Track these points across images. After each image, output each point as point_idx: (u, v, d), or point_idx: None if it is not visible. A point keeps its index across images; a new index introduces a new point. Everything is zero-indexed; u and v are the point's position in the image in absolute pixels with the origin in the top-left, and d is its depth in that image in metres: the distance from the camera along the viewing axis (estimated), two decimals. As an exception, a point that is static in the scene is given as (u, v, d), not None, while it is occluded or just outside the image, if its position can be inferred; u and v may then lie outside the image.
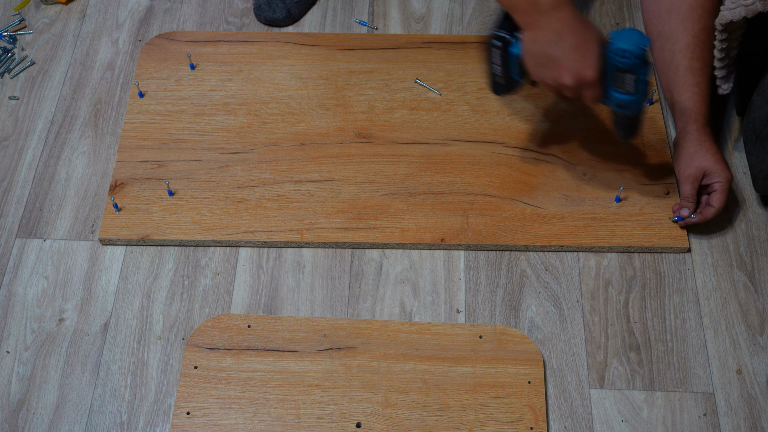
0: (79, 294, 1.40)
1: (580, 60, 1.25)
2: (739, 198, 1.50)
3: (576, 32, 1.25)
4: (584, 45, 1.25)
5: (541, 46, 1.26)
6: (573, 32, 1.24)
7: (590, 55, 1.25)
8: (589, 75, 1.26)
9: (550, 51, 1.26)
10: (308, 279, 1.42)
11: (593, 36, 1.26)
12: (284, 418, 1.27)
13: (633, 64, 1.24)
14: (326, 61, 1.65)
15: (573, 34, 1.24)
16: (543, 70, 1.29)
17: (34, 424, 1.29)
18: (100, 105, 1.61)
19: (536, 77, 1.31)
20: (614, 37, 1.25)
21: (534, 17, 1.25)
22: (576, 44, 1.25)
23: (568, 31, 1.24)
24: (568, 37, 1.24)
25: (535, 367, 1.31)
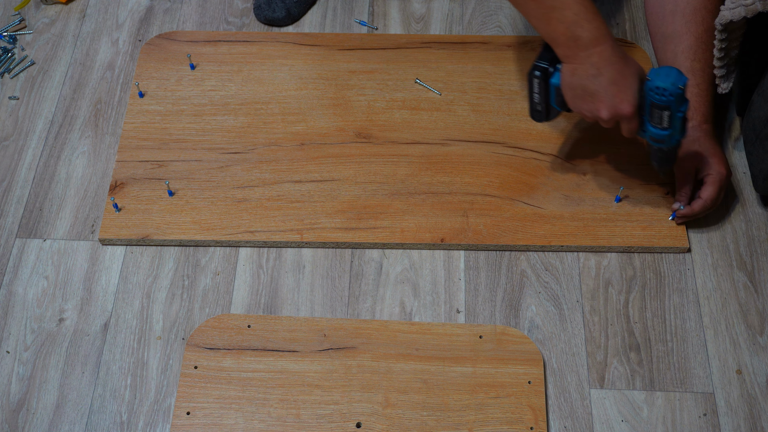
0: (79, 294, 1.40)
1: (618, 95, 1.27)
2: (739, 198, 1.50)
3: (614, 67, 1.26)
4: (622, 80, 1.27)
5: (579, 80, 1.28)
6: (611, 67, 1.26)
7: (628, 90, 1.27)
8: (626, 110, 1.28)
9: (589, 84, 1.28)
10: (308, 279, 1.42)
11: (631, 71, 1.28)
12: (284, 418, 1.27)
13: (669, 102, 1.26)
14: (326, 61, 1.65)
15: (611, 69, 1.26)
16: (581, 102, 1.31)
17: (34, 424, 1.29)
18: (100, 105, 1.61)
19: (574, 108, 1.33)
20: (652, 75, 1.27)
21: (574, 51, 1.27)
22: (614, 79, 1.26)
23: (607, 65, 1.26)
24: (607, 71, 1.26)
25: (535, 367, 1.31)
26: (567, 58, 1.29)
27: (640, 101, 1.29)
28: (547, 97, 1.37)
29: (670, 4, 1.42)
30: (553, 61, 1.33)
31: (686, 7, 1.41)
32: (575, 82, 1.29)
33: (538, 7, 1.27)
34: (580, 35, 1.26)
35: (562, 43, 1.28)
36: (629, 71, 1.28)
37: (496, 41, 1.68)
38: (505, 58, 1.65)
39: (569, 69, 1.29)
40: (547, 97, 1.37)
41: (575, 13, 1.25)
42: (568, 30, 1.26)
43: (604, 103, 1.28)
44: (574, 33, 1.26)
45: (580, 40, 1.26)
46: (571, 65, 1.29)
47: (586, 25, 1.26)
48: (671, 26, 1.42)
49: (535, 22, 1.30)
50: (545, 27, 1.28)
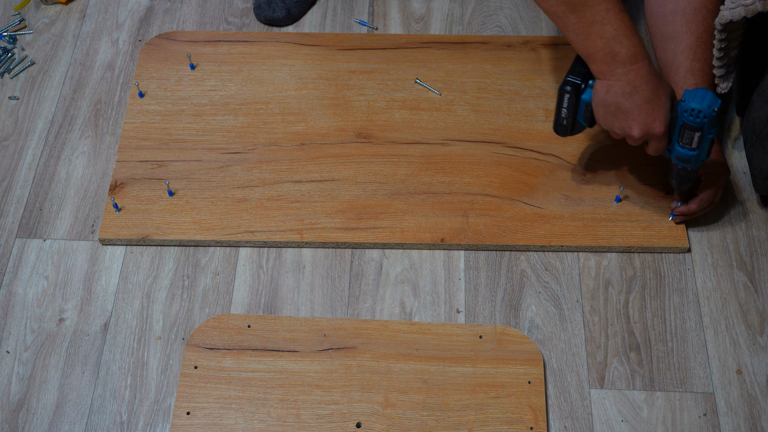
0: (79, 294, 1.40)
1: (651, 114, 1.28)
2: (739, 198, 1.50)
3: (650, 86, 1.27)
4: (656, 99, 1.27)
5: (614, 97, 1.28)
6: (647, 86, 1.27)
7: (661, 110, 1.28)
8: (658, 129, 1.28)
9: (623, 102, 1.27)
10: (308, 279, 1.42)
11: (665, 91, 1.28)
12: (284, 418, 1.27)
13: (702, 124, 1.27)
14: (326, 61, 1.65)
15: (647, 88, 1.27)
16: (612, 120, 1.31)
17: (34, 424, 1.29)
18: (100, 105, 1.61)
19: (604, 125, 1.33)
20: (687, 96, 1.27)
21: (611, 67, 1.27)
22: (649, 98, 1.27)
23: (643, 84, 1.26)
24: (642, 90, 1.26)
25: (535, 367, 1.31)
26: (602, 74, 1.28)
27: (670, 121, 1.29)
28: (575, 113, 1.36)
29: (671, 3, 1.42)
30: (586, 77, 1.32)
31: (687, 7, 1.40)
32: (609, 99, 1.29)
33: (578, 21, 1.26)
34: (618, 51, 1.25)
35: (600, 59, 1.27)
36: (663, 91, 1.28)
37: (496, 41, 1.68)
38: (505, 58, 1.65)
39: (604, 85, 1.29)
40: (575, 113, 1.36)
41: (615, 29, 1.25)
42: (607, 45, 1.25)
43: (636, 122, 1.28)
44: (613, 49, 1.25)
45: (618, 57, 1.26)
46: (606, 82, 1.28)
47: (625, 42, 1.25)
48: (671, 26, 1.42)
49: (573, 36, 1.29)
50: (583, 41, 1.27)
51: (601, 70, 1.28)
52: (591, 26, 1.26)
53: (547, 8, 1.28)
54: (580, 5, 1.25)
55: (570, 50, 1.65)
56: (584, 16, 1.26)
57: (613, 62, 1.26)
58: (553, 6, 1.26)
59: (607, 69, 1.27)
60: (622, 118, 1.29)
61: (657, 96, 1.27)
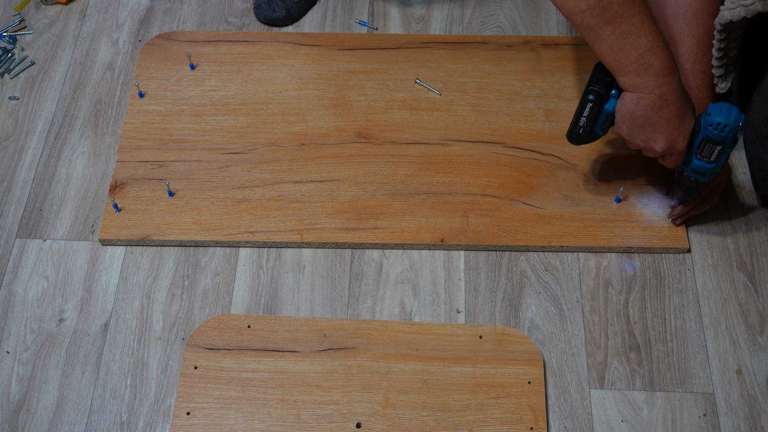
0: (79, 294, 1.40)
1: (678, 128, 1.28)
2: (739, 198, 1.50)
3: (680, 100, 1.27)
4: (683, 114, 1.27)
5: (643, 110, 1.27)
6: (678, 100, 1.26)
7: (687, 126, 1.28)
8: (682, 145, 1.29)
9: (652, 116, 1.27)
10: (308, 279, 1.42)
11: (690, 105, 1.28)
12: (284, 418, 1.27)
13: (726, 138, 1.27)
14: (326, 61, 1.65)
15: (677, 102, 1.26)
16: (637, 132, 1.30)
17: (34, 424, 1.29)
18: (100, 105, 1.61)
19: (627, 136, 1.32)
20: (713, 110, 1.27)
21: (643, 79, 1.25)
22: (677, 112, 1.27)
23: (674, 98, 1.26)
24: (672, 104, 1.26)
25: (535, 367, 1.31)
26: (633, 87, 1.26)
27: (691, 134, 1.29)
28: (594, 122, 1.35)
29: (671, 6, 1.42)
30: (609, 86, 1.31)
31: (688, 9, 1.40)
32: (638, 112, 1.27)
33: (612, 33, 1.24)
34: (652, 63, 1.24)
35: (632, 71, 1.25)
36: (689, 106, 1.28)
37: (496, 41, 1.68)
38: (505, 58, 1.65)
39: (634, 98, 1.27)
40: (594, 122, 1.35)
41: (650, 40, 1.23)
42: (641, 57, 1.24)
43: (663, 135, 1.28)
44: (647, 61, 1.24)
45: (651, 69, 1.24)
46: (637, 94, 1.26)
47: (659, 54, 1.24)
48: (672, 29, 1.42)
49: (605, 48, 1.26)
50: (617, 53, 1.25)
51: (633, 82, 1.26)
52: (626, 38, 1.24)
53: (580, 21, 1.25)
54: (617, 16, 1.23)
55: (570, 50, 1.65)
56: (620, 27, 1.23)
57: (646, 74, 1.25)
58: (587, 18, 1.24)
59: (639, 81, 1.25)
60: (648, 131, 1.29)
61: (684, 111, 1.27)
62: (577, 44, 1.67)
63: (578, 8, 1.22)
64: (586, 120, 1.34)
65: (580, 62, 1.65)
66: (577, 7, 1.22)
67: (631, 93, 1.27)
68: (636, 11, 1.23)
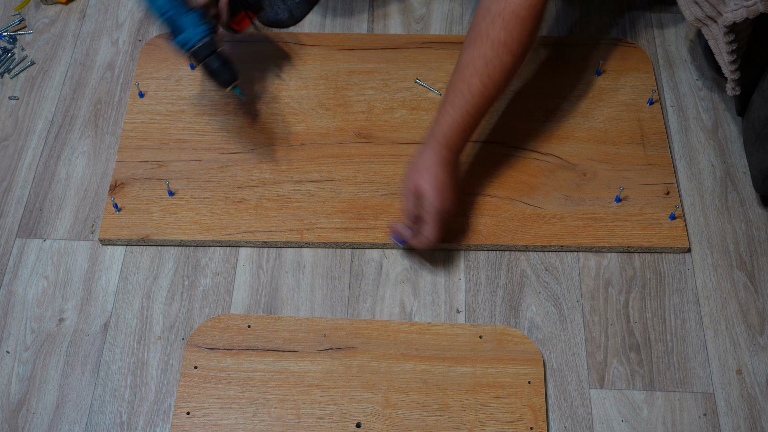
0: (79, 294, 1.40)
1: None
2: (739, 198, 1.50)
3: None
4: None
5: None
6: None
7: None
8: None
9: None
10: (308, 279, 1.42)
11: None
12: (284, 418, 1.27)
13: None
14: (326, 61, 1.65)
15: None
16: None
17: (34, 424, 1.29)
18: (100, 105, 1.61)
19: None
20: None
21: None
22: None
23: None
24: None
25: (535, 367, 1.31)
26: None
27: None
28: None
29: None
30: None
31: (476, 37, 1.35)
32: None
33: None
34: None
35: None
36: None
37: (496, 41, 1.68)
38: (505, 58, 1.65)
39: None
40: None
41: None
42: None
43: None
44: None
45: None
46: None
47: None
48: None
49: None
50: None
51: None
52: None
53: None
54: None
55: (570, 50, 1.65)
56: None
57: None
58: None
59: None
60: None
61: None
62: (577, 44, 1.67)
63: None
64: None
65: (580, 62, 1.65)
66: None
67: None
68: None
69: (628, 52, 1.66)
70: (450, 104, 1.33)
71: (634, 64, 1.65)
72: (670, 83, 1.64)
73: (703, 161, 1.54)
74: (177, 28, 1.33)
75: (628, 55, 1.66)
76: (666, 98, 1.62)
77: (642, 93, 1.60)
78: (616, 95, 1.60)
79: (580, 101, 1.59)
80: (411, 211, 1.35)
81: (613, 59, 1.65)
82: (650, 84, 1.62)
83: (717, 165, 1.54)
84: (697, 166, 1.54)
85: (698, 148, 1.56)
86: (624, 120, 1.57)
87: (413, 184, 1.33)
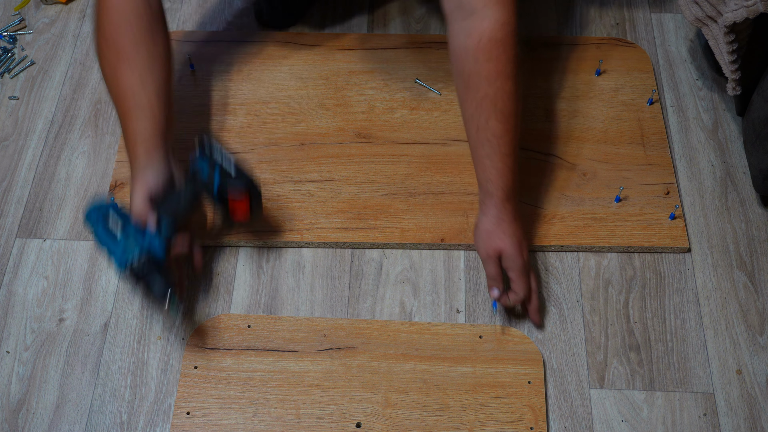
0: (79, 294, 1.40)
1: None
2: (739, 198, 1.50)
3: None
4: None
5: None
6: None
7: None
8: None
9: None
10: (308, 279, 1.42)
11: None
12: (284, 418, 1.27)
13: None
14: (326, 61, 1.65)
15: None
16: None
17: (34, 424, 1.29)
18: (100, 105, 1.61)
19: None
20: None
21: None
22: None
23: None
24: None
25: (535, 367, 1.31)
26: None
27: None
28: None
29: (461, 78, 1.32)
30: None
31: (468, 78, 1.29)
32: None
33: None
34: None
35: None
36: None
37: (496, 41, 1.68)
38: (505, 58, 1.65)
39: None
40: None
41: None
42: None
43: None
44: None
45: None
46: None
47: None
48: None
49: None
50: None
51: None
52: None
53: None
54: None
55: (570, 50, 1.65)
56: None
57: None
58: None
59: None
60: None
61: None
62: (577, 44, 1.67)
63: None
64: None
65: (580, 62, 1.65)
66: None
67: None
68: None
69: (628, 52, 1.66)
70: (485, 157, 1.30)
71: (634, 64, 1.65)
72: (670, 83, 1.64)
73: (703, 161, 1.54)
74: (109, 257, 1.24)
75: (628, 55, 1.66)
76: (666, 98, 1.62)
77: (642, 93, 1.60)
78: (616, 95, 1.60)
79: (580, 101, 1.59)
80: (498, 275, 1.32)
81: (613, 59, 1.65)
82: (650, 84, 1.62)
83: (717, 165, 1.54)
84: (697, 166, 1.54)
85: (698, 148, 1.56)
86: (624, 120, 1.57)
87: (492, 249, 1.31)
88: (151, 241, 1.22)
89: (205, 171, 1.28)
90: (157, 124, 1.29)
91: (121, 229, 1.23)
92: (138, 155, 1.28)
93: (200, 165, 1.28)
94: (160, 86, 1.30)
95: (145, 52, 1.29)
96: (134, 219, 1.24)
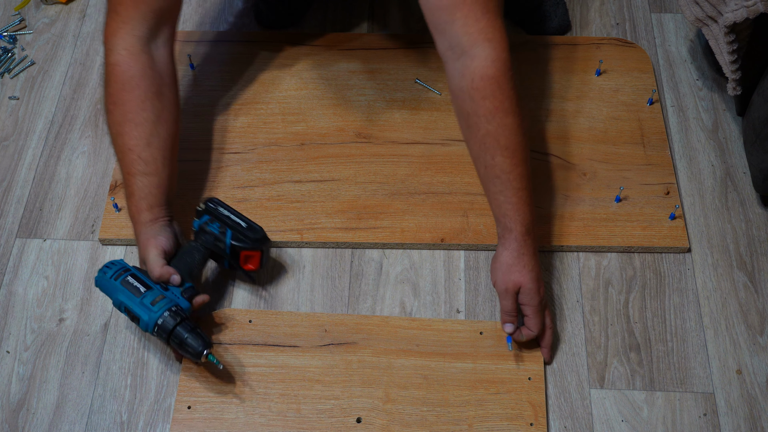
0: (79, 294, 1.40)
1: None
2: (739, 198, 1.50)
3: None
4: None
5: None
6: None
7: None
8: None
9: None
10: (308, 279, 1.42)
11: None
12: (285, 412, 1.27)
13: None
14: (326, 61, 1.65)
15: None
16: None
17: (34, 424, 1.29)
18: (100, 105, 1.61)
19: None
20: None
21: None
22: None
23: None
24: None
25: (535, 364, 1.31)
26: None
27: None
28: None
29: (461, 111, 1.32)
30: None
31: (469, 117, 1.30)
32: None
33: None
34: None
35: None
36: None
37: (495, 42, 1.68)
38: (505, 59, 1.65)
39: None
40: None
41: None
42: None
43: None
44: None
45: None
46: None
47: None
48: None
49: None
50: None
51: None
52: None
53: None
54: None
55: (569, 51, 1.66)
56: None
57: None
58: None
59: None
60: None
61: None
62: (577, 44, 1.68)
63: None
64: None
65: (579, 62, 1.65)
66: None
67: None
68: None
69: (628, 52, 1.67)
70: (498, 193, 1.29)
71: (634, 64, 1.65)
72: (670, 83, 1.65)
73: (703, 161, 1.54)
74: (134, 317, 1.24)
75: (628, 55, 1.66)
76: (666, 98, 1.63)
77: (642, 93, 1.61)
78: (616, 95, 1.60)
79: (580, 101, 1.59)
80: (514, 310, 1.30)
81: (613, 59, 1.65)
82: (650, 84, 1.62)
83: (717, 165, 1.54)
84: (697, 166, 1.54)
85: (698, 148, 1.56)
86: (624, 120, 1.57)
87: (512, 283, 1.28)
88: (177, 295, 1.25)
89: (216, 226, 1.31)
90: (160, 183, 1.30)
91: (144, 288, 1.24)
92: (141, 212, 1.29)
93: (211, 227, 1.31)
94: (165, 146, 1.32)
95: (150, 113, 1.31)
96: (155, 277, 1.25)
